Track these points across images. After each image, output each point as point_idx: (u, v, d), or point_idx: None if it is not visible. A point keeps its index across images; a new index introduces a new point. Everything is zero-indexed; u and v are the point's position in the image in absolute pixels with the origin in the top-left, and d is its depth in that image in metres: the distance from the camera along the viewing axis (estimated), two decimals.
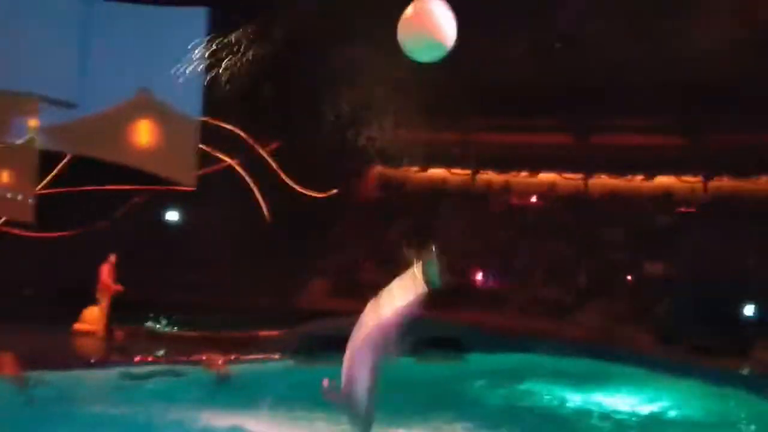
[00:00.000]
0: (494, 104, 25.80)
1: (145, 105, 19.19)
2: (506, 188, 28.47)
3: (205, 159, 21.19)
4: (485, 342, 20.17)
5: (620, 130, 26.02)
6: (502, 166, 28.20)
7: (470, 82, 22.86)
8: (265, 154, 24.67)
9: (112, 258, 18.81)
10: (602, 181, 27.59)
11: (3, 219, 19.84)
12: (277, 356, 17.08)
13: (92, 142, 18.85)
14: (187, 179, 20.58)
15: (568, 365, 18.10)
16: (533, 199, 28.03)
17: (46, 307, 18.29)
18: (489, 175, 28.67)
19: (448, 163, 28.63)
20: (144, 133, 19.24)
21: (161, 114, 19.30)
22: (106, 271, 18.66)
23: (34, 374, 13.77)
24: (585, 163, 27.30)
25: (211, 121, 21.06)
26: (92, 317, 18.27)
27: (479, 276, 25.69)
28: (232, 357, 16.54)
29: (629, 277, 24.16)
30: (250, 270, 22.59)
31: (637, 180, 27.35)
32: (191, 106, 19.37)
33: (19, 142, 19.02)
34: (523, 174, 28.27)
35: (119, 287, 18.50)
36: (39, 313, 17.74)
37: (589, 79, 23.20)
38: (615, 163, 26.82)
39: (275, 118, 24.58)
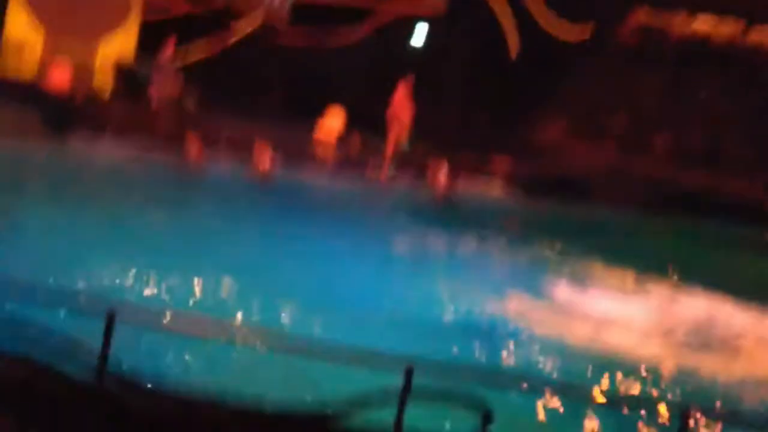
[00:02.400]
0: None
1: None
2: None
3: None
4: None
5: None
6: None
7: None
8: None
9: (405, 84, 17.90)
10: None
11: (259, 23, 20.50)
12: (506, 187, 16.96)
13: None
14: (437, 3, 20.35)
15: None
16: None
17: (289, 112, 18.85)
18: (765, 30, 26.11)
19: (717, 13, 26.28)
20: None
21: None
22: (399, 98, 17.94)
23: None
24: None
25: None
26: (330, 126, 18.64)
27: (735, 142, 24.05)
28: (460, 179, 16.57)
29: None
30: (492, 102, 22.17)
31: None
32: None
33: None
34: None
35: (405, 117, 17.74)
36: (284, 118, 18.39)
37: None
38: None
39: None
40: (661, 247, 14.22)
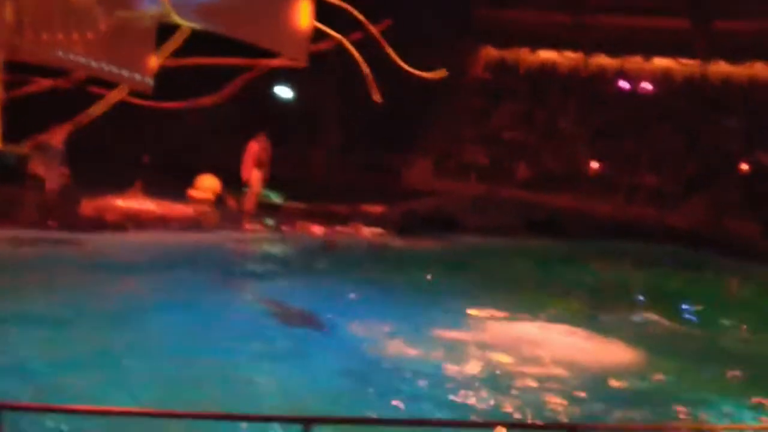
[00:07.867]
0: None
1: None
2: (619, 73, 27.82)
3: (316, 36, 21.39)
4: (586, 227, 20.31)
5: (743, 15, 24.87)
6: (615, 50, 27.46)
7: None
8: (375, 32, 24.71)
9: (259, 139, 17.88)
10: (720, 67, 26.61)
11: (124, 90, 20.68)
12: (380, 230, 17.63)
13: (210, 16, 19.31)
14: (298, 56, 20.92)
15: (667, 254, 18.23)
16: (646, 84, 27.34)
17: (162, 174, 19.11)
18: (601, 59, 28.02)
19: (560, 46, 28.07)
20: (258, 7, 19.59)
21: None
22: (250, 151, 17.89)
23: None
24: (703, 49, 26.32)
25: None
26: (206, 184, 18.97)
27: (586, 162, 25.55)
28: (337, 228, 17.19)
29: (741, 167, 23.63)
30: (357, 148, 23.00)
31: (758, 67, 26.28)
32: None
33: (150, 13, 19.63)
34: (637, 59, 27.50)
35: (254, 172, 17.61)
36: (155, 180, 18.57)
37: None
38: (735, 50, 25.76)
39: None
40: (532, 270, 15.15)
